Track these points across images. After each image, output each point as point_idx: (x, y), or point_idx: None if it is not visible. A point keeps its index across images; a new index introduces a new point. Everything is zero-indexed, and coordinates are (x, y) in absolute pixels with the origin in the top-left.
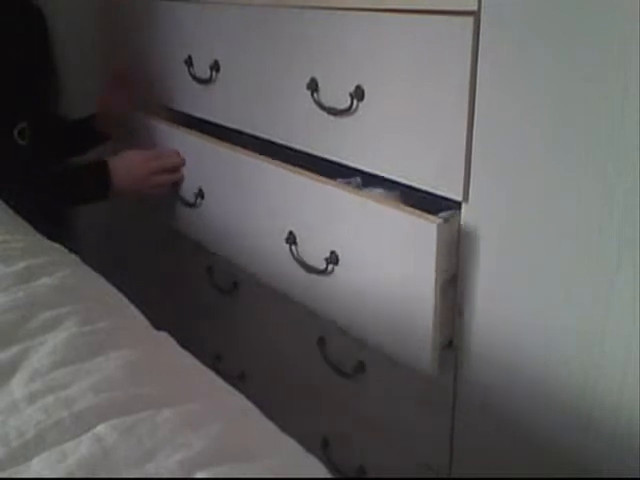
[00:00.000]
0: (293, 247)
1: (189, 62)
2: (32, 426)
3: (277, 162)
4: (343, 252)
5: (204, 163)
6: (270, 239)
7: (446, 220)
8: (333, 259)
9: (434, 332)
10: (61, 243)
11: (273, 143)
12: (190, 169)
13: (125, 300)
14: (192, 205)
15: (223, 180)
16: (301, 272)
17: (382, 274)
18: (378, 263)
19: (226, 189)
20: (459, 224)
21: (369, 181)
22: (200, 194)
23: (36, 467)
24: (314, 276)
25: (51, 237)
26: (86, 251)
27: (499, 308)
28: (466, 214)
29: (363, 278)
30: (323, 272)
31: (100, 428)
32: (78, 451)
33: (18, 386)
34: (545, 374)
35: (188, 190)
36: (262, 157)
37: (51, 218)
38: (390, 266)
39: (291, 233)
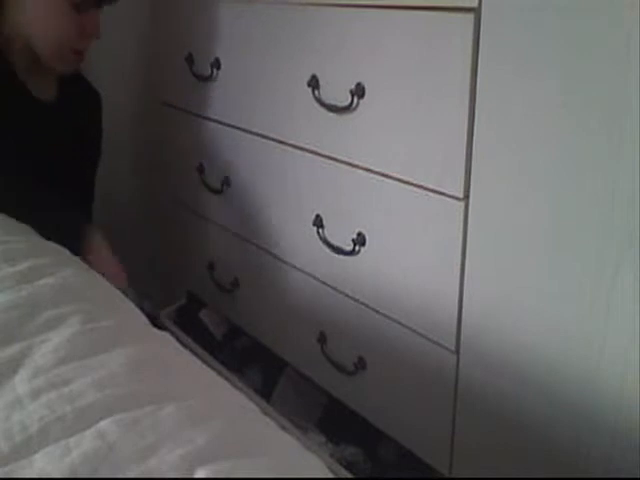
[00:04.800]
0: (320, 230)
1: (190, 60)
2: (36, 421)
3: (303, 147)
4: (370, 233)
5: (230, 151)
6: (297, 222)
7: None
8: (360, 240)
9: (459, 309)
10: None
11: None
12: (216, 157)
13: (126, 300)
14: (218, 192)
15: (249, 167)
16: (328, 253)
17: (408, 253)
18: (404, 242)
19: (252, 175)
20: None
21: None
22: (226, 181)
23: (39, 462)
24: (341, 257)
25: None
26: None
27: (499, 307)
28: (467, 211)
29: (390, 257)
30: (350, 253)
31: (103, 423)
32: (81, 446)
33: (22, 382)
34: (545, 373)
35: (214, 178)
36: (287, 143)
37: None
38: (416, 245)
39: (318, 216)
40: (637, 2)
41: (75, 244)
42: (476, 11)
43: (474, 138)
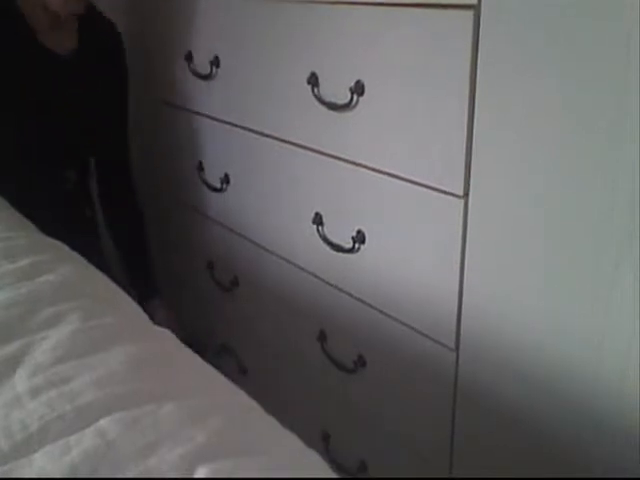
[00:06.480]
0: (320, 227)
1: (189, 58)
2: (36, 420)
3: (302, 145)
4: (369, 231)
5: (230, 149)
6: (296, 220)
7: None
8: (360, 238)
9: (458, 307)
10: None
11: None
12: (216, 155)
13: (127, 297)
14: (218, 190)
15: (249, 165)
16: (328, 251)
17: (408, 251)
18: (404, 240)
19: (252, 173)
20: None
21: None
22: (226, 179)
23: (39, 460)
24: (341, 255)
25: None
26: None
27: (499, 305)
28: (467, 209)
29: (389, 255)
30: (350, 251)
31: (103, 422)
32: (81, 444)
33: (21, 380)
34: (545, 372)
35: (214, 175)
36: (287, 141)
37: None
38: (416, 243)
39: (317, 214)
40: (637, 2)
41: None
42: (476, 8)
43: (474, 136)
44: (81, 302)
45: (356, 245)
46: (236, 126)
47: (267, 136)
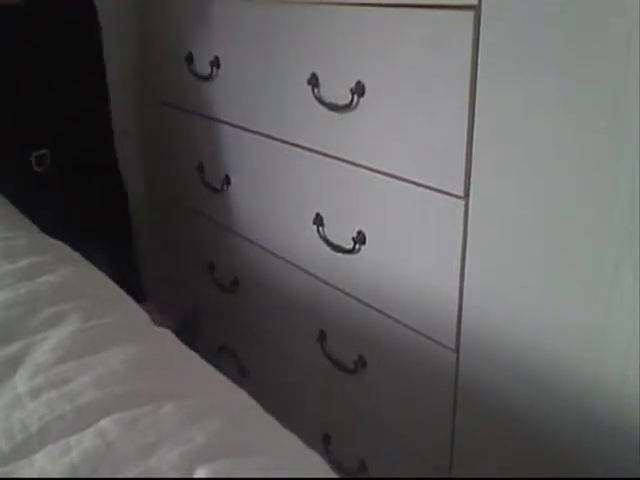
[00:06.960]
0: (320, 228)
1: (190, 59)
2: (36, 420)
3: (303, 146)
4: (370, 231)
5: (230, 150)
6: (297, 221)
7: None
8: (360, 238)
9: (459, 307)
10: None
11: None
12: (216, 156)
13: (127, 297)
14: (218, 191)
15: (249, 165)
16: (328, 252)
17: (409, 251)
18: (405, 240)
19: (252, 174)
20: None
21: None
22: (226, 180)
23: (40, 461)
24: (341, 255)
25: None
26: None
27: (499, 305)
28: (467, 210)
29: (390, 256)
30: (350, 251)
31: (103, 422)
32: (81, 445)
33: (22, 381)
34: (545, 372)
35: (214, 176)
36: (287, 141)
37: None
38: (417, 243)
39: (318, 215)
40: (637, 2)
41: None
42: (476, 9)
43: (474, 136)
44: (81, 302)
45: (356, 246)
46: (236, 127)
47: (267, 137)
